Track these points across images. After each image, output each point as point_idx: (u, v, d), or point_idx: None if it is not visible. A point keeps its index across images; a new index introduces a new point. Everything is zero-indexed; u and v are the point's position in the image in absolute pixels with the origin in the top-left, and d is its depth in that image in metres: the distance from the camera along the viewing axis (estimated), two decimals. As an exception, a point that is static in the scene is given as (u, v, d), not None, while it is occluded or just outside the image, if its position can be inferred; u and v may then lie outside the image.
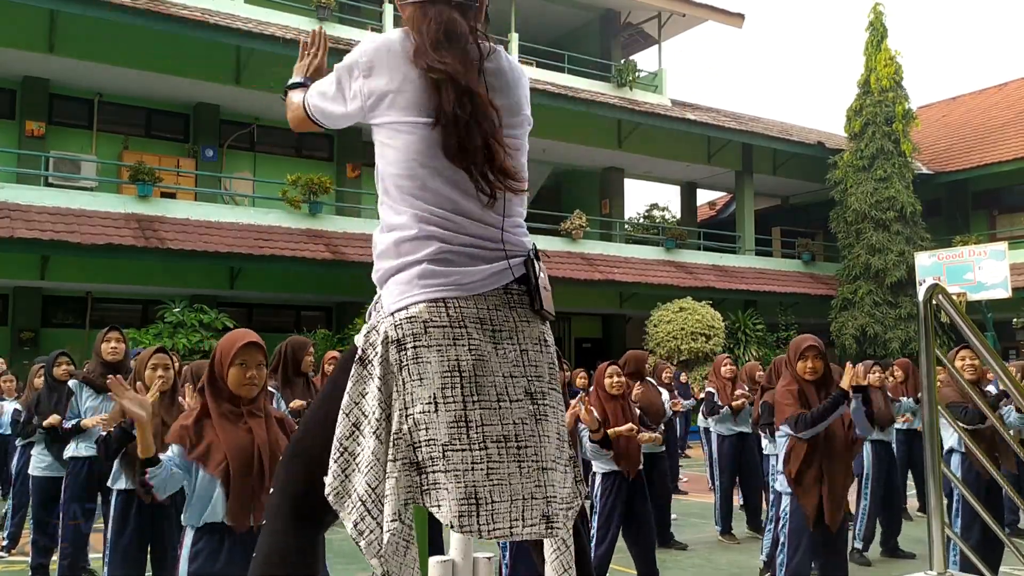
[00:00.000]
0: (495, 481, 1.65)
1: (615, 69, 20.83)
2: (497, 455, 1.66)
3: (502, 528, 1.65)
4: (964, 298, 16.16)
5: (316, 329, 15.86)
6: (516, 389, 1.73)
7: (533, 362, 1.78)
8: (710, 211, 29.24)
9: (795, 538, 4.50)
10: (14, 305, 14.97)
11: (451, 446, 1.64)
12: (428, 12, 1.84)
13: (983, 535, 4.73)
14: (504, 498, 1.66)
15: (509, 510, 1.66)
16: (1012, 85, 26.46)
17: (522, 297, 1.82)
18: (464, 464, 1.64)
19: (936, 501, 2.90)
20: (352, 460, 1.71)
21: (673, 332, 16.96)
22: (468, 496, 1.63)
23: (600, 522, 5.36)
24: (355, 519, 1.66)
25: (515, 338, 1.77)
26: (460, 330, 1.70)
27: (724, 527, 7.74)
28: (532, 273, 1.81)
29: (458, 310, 1.72)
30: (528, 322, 1.81)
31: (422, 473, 1.66)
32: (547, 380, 1.81)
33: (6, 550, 6.98)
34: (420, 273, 1.74)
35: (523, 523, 1.68)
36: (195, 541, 2.99)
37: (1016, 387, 2.99)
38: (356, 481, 1.68)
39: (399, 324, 1.71)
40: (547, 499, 1.72)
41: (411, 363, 1.68)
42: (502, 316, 1.77)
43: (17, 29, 13.97)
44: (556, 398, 1.83)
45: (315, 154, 18.50)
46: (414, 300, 1.72)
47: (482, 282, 1.76)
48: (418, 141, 1.78)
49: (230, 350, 3.06)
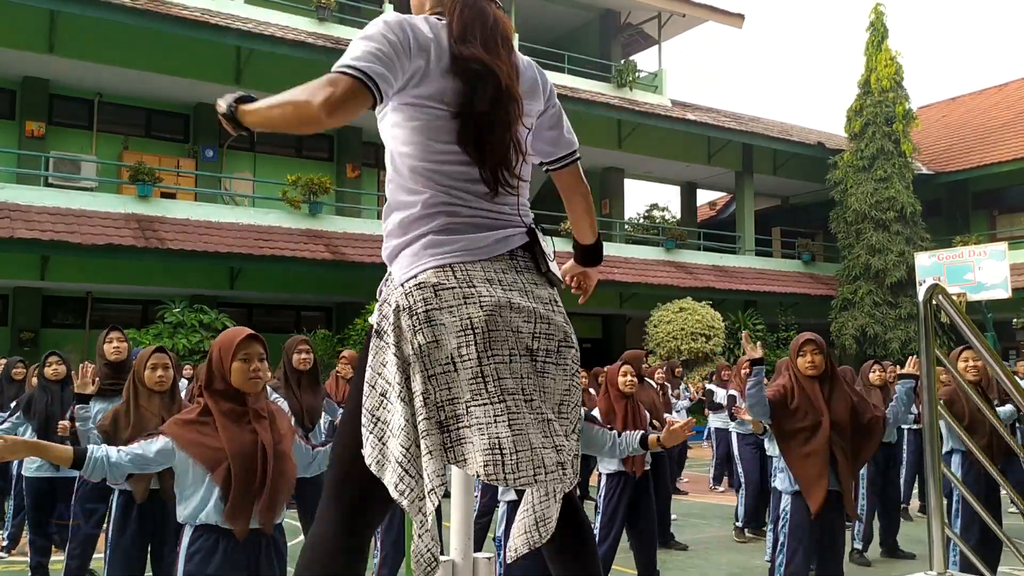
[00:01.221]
0: (516, 431, 1.70)
1: (615, 69, 20.84)
2: (515, 407, 1.71)
3: (526, 476, 1.69)
4: (964, 298, 16.16)
5: (316, 329, 15.86)
6: (520, 343, 1.76)
7: (545, 319, 1.81)
8: (710, 211, 29.25)
9: (794, 538, 4.50)
10: (14, 305, 14.98)
11: (473, 402, 1.69)
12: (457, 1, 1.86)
13: (982, 535, 4.73)
14: (525, 447, 1.70)
15: (531, 458, 1.70)
16: (1012, 85, 26.48)
17: (528, 263, 1.86)
18: (487, 417, 1.68)
19: (936, 501, 2.90)
20: (386, 428, 1.75)
21: (673, 332, 16.97)
22: (492, 447, 1.66)
23: (603, 521, 5.36)
24: (395, 481, 1.70)
25: (526, 296, 1.81)
26: (470, 289, 1.74)
27: (746, 522, 7.73)
28: (536, 239, 1.87)
29: (465, 272, 1.76)
30: (536, 284, 1.85)
31: (445, 431, 1.70)
32: (560, 338, 1.84)
33: (6, 550, 6.99)
34: (426, 244, 1.78)
35: (544, 470, 1.71)
36: (192, 541, 2.97)
37: (1016, 387, 2.99)
38: (392, 446, 1.73)
39: (409, 292, 1.75)
40: (556, 447, 1.76)
41: (424, 326, 1.71)
42: (510, 278, 1.81)
43: (17, 29, 13.98)
44: (568, 356, 1.85)
45: (315, 154, 18.51)
46: (422, 268, 1.76)
47: (488, 248, 1.80)
48: (436, 125, 1.80)
49: (230, 346, 3.03)
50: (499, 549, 4.82)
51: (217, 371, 3.04)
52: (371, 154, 18.92)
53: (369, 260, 14.68)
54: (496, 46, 1.83)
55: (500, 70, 1.80)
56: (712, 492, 10.50)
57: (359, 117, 1.73)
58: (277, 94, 1.71)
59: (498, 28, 1.87)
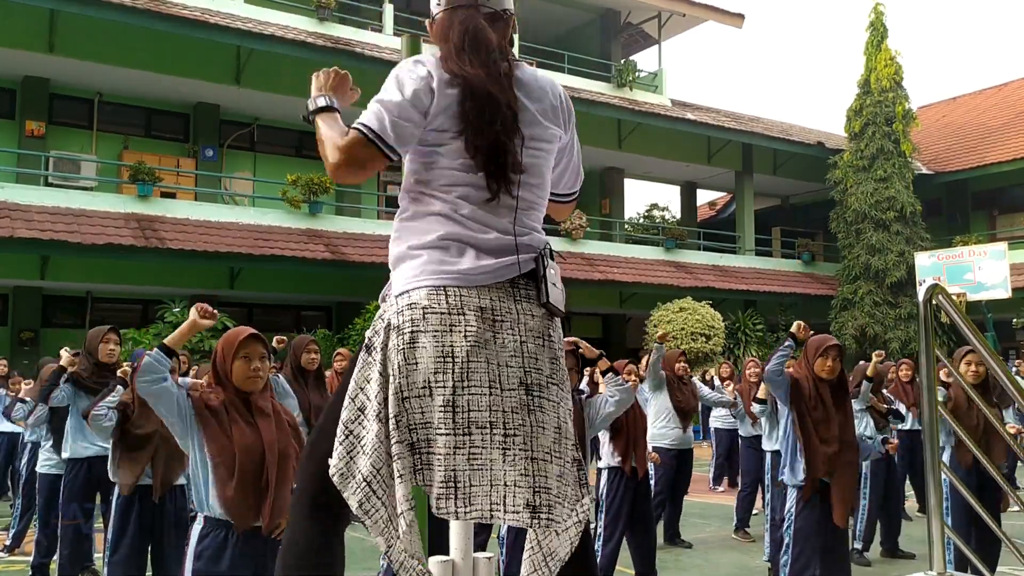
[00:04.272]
0: (475, 466, 1.69)
1: (615, 69, 20.84)
2: (480, 440, 1.70)
3: (479, 510, 1.69)
4: (964, 298, 16.16)
5: (316, 329, 15.86)
6: (511, 379, 1.75)
7: (532, 354, 1.80)
8: (710, 211, 29.24)
9: (800, 539, 4.50)
10: (14, 305, 14.97)
11: (438, 429, 1.69)
12: (455, 18, 1.91)
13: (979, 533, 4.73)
14: (483, 482, 1.70)
15: (489, 494, 1.70)
16: (1012, 85, 26.48)
17: (529, 291, 1.84)
18: (447, 448, 1.69)
19: (936, 501, 2.90)
20: (357, 443, 1.76)
21: (673, 332, 16.96)
22: (447, 479, 1.68)
23: (608, 520, 5.39)
24: (360, 499, 1.71)
25: (516, 329, 1.79)
26: (458, 317, 1.73)
27: (740, 523, 7.75)
28: (540, 267, 1.85)
29: (458, 297, 1.75)
30: (532, 316, 1.83)
31: (416, 454, 1.71)
32: (546, 374, 1.82)
33: (8, 550, 6.98)
34: (426, 261, 1.79)
35: (504, 508, 1.71)
36: (200, 539, 2.99)
37: (1016, 387, 2.99)
38: (360, 463, 1.73)
39: (400, 311, 1.76)
40: (534, 488, 1.73)
41: (407, 348, 1.72)
42: (505, 307, 1.79)
43: (17, 29, 13.98)
44: (557, 393, 1.83)
45: (315, 154, 18.21)
46: (416, 286, 1.77)
47: (487, 275, 1.79)
48: (441, 140, 1.83)
49: (232, 345, 3.11)
50: (502, 549, 4.84)
51: (220, 370, 3.13)
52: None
53: (369, 260, 14.68)
54: (493, 61, 1.85)
55: (495, 84, 1.82)
56: (712, 492, 10.50)
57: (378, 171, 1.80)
58: (333, 125, 1.83)
59: (496, 46, 1.89)
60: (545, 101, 1.95)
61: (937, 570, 2.86)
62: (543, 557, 1.84)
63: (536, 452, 1.75)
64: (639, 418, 5.70)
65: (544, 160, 1.93)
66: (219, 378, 3.13)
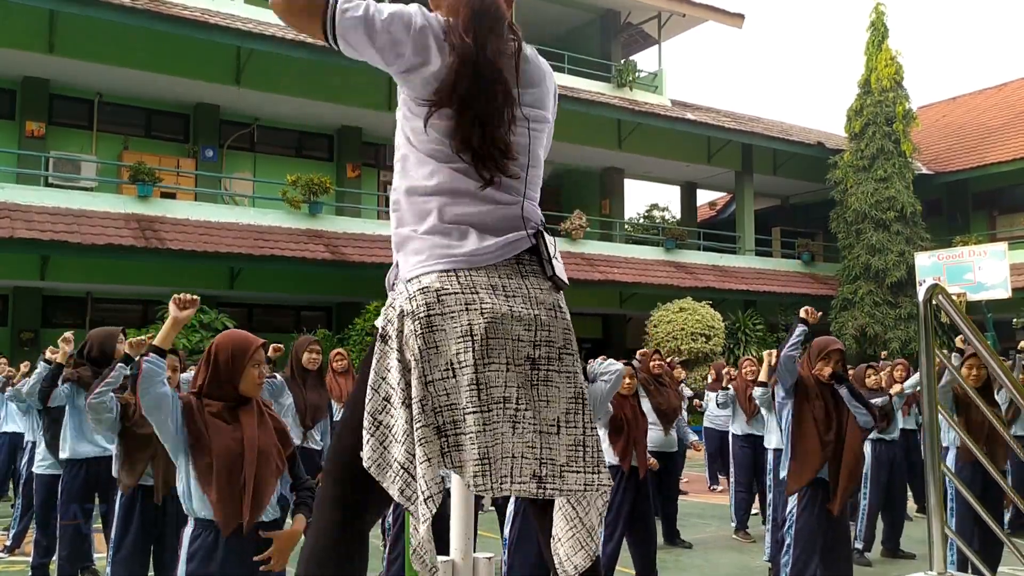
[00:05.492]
0: (496, 440, 1.72)
1: (615, 69, 20.84)
2: (495, 416, 1.72)
3: (496, 484, 1.71)
4: (964, 298, 16.15)
5: (316, 329, 15.85)
6: (519, 353, 1.77)
7: (545, 326, 1.81)
8: (710, 211, 29.22)
9: (801, 539, 4.50)
10: (14, 305, 14.97)
11: (467, 409, 1.71)
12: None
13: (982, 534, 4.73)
14: (500, 455, 1.73)
15: (500, 467, 1.72)
16: (1012, 85, 26.47)
17: (533, 267, 1.86)
18: (477, 426, 1.70)
19: (936, 501, 2.90)
20: (388, 432, 1.76)
21: (673, 332, 16.96)
22: (482, 457, 1.69)
23: (608, 519, 5.39)
24: (400, 486, 1.71)
25: (528, 303, 1.81)
26: (472, 295, 1.75)
27: (740, 524, 7.74)
28: (543, 243, 1.86)
29: (468, 277, 1.77)
30: (541, 290, 1.85)
31: (443, 436, 1.71)
32: (559, 346, 1.83)
33: (8, 550, 6.98)
34: (431, 245, 1.80)
35: (511, 480, 1.74)
36: (192, 540, 2.99)
37: (1016, 387, 2.99)
38: (395, 451, 1.74)
39: (412, 296, 1.76)
40: (539, 460, 1.76)
41: (426, 332, 1.72)
42: (514, 284, 1.81)
43: (17, 29, 13.97)
44: (572, 363, 1.84)
45: (315, 154, 18.51)
46: (425, 271, 1.78)
47: (493, 254, 1.81)
48: (436, 116, 1.82)
49: (244, 353, 3.07)
50: (505, 549, 4.83)
51: (225, 375, 3.07)
52: (371, 154, 18.91)
53: (369, 260, 14.68)
54: (498, 38, 1.84)
55: (497, 61, 1.81)
56: (711, 492, 10.51)
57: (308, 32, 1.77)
58: None
59: (503, 21, 1.88)
60: (545, 83, 1.98)
61: (937, 570, 2.86)
62: (587, 533, 1.86)
63: (541, 425, 1.78)
64: (639, 417, 5.71)
65: (539, 140, 1.96)
66: (219, 381, 3.08)
